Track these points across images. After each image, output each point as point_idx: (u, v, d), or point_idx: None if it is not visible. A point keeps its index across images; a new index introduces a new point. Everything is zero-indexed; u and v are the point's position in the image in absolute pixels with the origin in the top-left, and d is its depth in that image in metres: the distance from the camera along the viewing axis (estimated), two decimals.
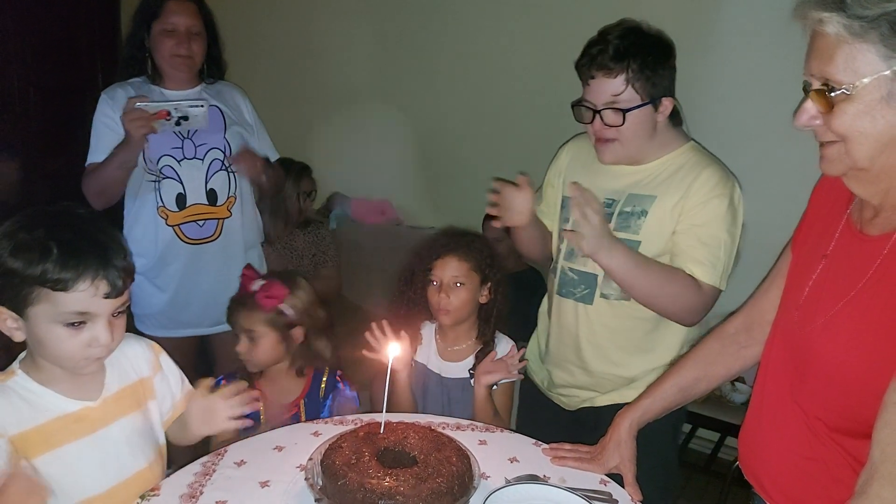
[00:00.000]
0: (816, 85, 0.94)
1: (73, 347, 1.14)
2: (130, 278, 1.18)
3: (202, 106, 2.01)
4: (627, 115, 1.51)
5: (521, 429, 1.53)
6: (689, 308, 1.54)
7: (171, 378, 1.40)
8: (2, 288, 1.11)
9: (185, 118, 2.00)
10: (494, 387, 1.75)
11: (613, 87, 1.51)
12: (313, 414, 1.75)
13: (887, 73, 0.88)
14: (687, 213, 1.53)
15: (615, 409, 1.59)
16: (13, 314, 1.13)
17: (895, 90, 0.88)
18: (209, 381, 1.39)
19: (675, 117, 1.62)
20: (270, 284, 1.72)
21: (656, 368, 1.64)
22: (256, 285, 1.71)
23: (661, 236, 1.55)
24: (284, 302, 1.71)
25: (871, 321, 0.95)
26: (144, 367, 1.35)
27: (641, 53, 1.49)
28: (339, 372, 1.82)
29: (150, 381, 1.35)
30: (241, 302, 1.73)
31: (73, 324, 1.13)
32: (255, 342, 1.70)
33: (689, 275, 1.50)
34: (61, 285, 1.09)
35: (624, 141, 1.55)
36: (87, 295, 1.11)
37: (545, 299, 1.83)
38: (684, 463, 2.85)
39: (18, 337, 1.15)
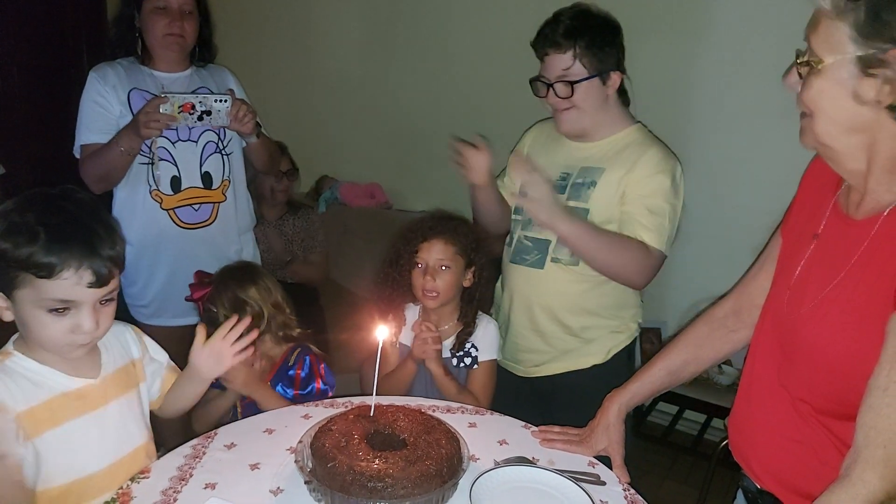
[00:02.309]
0: (803, 53, 0.96)
1: (56, 333, 1.14)
2: (118, 268, 1.18)
3: (226, 101, 1.95)
4: (576, 86, 1.67)
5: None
6: (639, 271, 1.67)
7: (156, 359, 1.41)
8: None
9: (208, 113, 1.94)
10: (475, 366, 1.78)
11: (563, 62, 1.66)
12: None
13: (850, 56, 0.89)
14: (633, 186, 1.67)
15: (568, 376, 1.80)
16: (2, 294, 1.13)
17: (853, 75, 0.90)
18: (204, 329, 1.39)
19: (623, 97, 1.77)
20: (195, 287, 1.78)
21: (602, 328, 1.80)
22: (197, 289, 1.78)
23: (608, 205, 1.70)
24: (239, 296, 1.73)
25: (856, 306, 0.96)
26: (134, 349, 1.37)
27: (589, 32, 1.65)
28: (309, 357, 1.79)
29: (140, 363, 1.37)
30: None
31: (56, 310, 1.12)
32: None
33: (639, 241, 1.64)
34: (44, 272, 1.09)
35: (577, 109, 1.70)
36: (71, 283, 1.11)
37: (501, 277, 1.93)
38: (671, 444, 2.89)
39: (8, 317, 1.16)
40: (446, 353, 1.78)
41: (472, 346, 1.79)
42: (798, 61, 0.96)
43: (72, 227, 1.12)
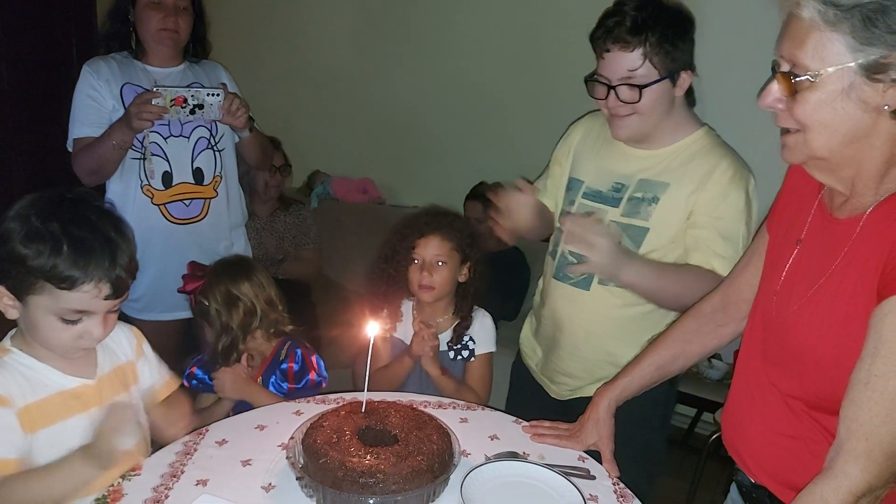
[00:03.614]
0: (784, 67, 0.95)
1: (65, 339, 1.16)
2: (133, 278, 1.20)
3: (218, 95, 1.95)
4: (644, 91, 1.44)
5: (511, 413, 1.51)
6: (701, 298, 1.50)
7: (151, 364, 1.41)
8: (6, 270, 1.12)
9: (201, 106, 1.93)
10: (472, 359, 1.78)
11: (630, 62, 1.43)
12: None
13: (852, 65, 0.88)
14: (704, 206, 1.48)
15: None
16: (10, 295, 1.14)
17: (856, 83, 0.89)
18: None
19: (689, 96, 1.56)
20: (187, 279, 1.77)
21: None
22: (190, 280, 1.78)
23: (672, 225, 1.50)
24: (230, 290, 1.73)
25: (841, 303, 0.97)
26: (129, 350, 1.37)
27: (660, 26, 1.41)
28: (301, 350, 1.79)
29: (134, 365, 1.37)
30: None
31: (69, 319, 1.14)
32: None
33: (708, 269, 1.46)
34: (66, 284, 1.11)
35: (641, 115, 1.48)
36: (90, 296, 1.13)
37: (540, 281, 1.79)
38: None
39: (12, 315, 1.17)
40: (443, 347, 1.79)
41: (470, 338, 1.80)
42: (793, 79, 0.92)
43: (95, 239, 1.13)
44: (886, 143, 0.93)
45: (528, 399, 1.80)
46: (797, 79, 0.92)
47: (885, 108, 0.89)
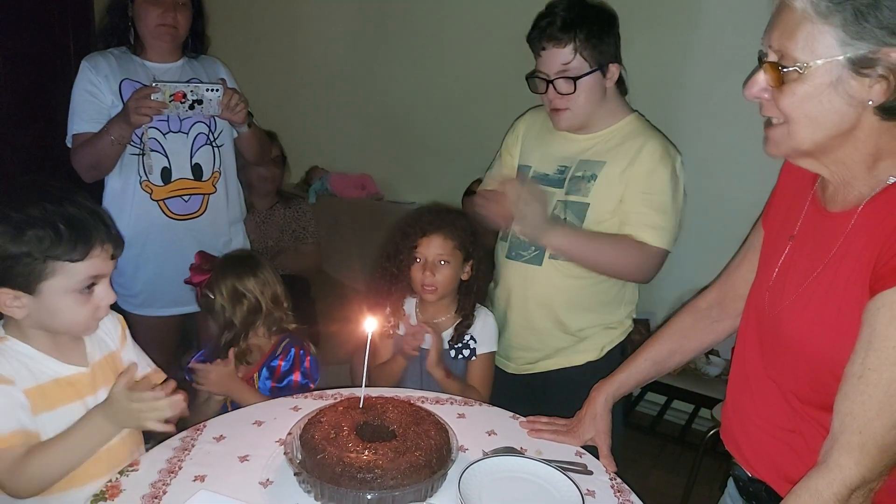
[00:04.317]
0: (772, 57, 0.94)
1: (85, 314, 1.22)
2: (120, 236, 1.26)
3: (217, 90, 1.94)
4: (578, 82, 1.62)
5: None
6: (640, 270, 1.68)
7: (134, 354, 1.42)
8: (8, 270, 1.14)
9: (200, 102, 1.93)
10: (473, 358, 1.78)
11: (563, 57, 1.61)
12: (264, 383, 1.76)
13: (840, 58, 0.88)
14: (634, 181, 1.64)
15: (561, 372, 1.77)
16: (15, 292, 1.15)
17: (844, 77, 0.89)
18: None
19: (621, 86, 1.73)
20: (194, 270, 1.78)
21: (597, 325, 1.78)
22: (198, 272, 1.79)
23: (610, 199, 1.66)
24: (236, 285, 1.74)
25: (834, 297, 0.97)
26: (115, 339, 1.38)
27: (587, 23, 1.60)
28: (294, 349, 1.78)
29: (118, 354, 1.38)
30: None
31: (84, 289, 1.19)
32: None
33: (639, 240, 1.62)
34: (78, 255, 1.16)
35: (577, 107, 1.66)
36: (100, 260, 1.20)
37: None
38: (659, 434, 2.91)
39: (19, 314, 1.18)
40: (444, 345, 1.79)
41: (472, 337, 1.80)
42: (781, 69, 0.92)
43: (77, 209, 1.18)
44: (871, 137, 0.93)
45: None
46: (785, 70, 0.92)
47: (870, 103, 0.89)
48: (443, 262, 1.75)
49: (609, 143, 1.70)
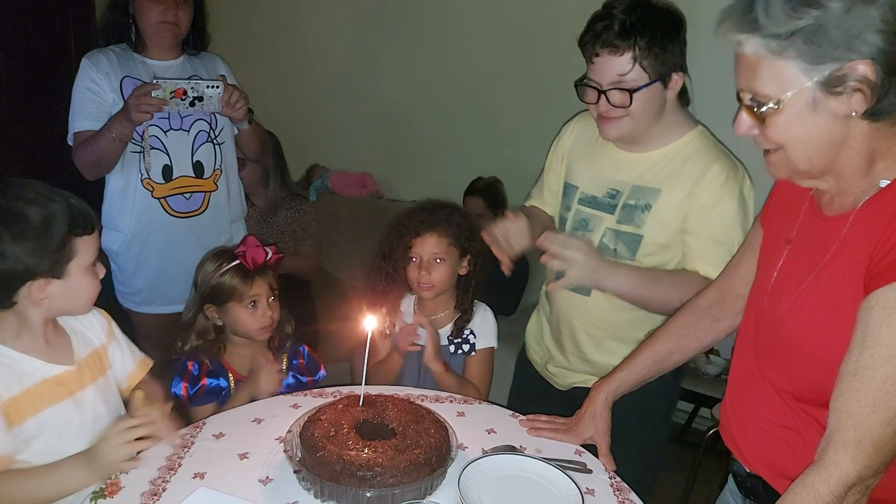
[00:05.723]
0: (746, 100, 0.97)
1: (95, 288, 1.28)
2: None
3: (218, 87, 1.94)
4: (634, 95, 1.41)
5: (513, 406, 1.53)
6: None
7: (123, 348, 1.43)
8: (40, 260, 1.17)
9: (200, 98, 1.92)
10: (472, 353, 1.78)
11: (620, 66, 1.40)
12: None
13: (809, 84, 0.90)
14: (696, 213, 1.46)
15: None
16: (46, 280, 1.19)
17: (819, 98, 0.91)
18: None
19: (683, 96, 1.53)
20: (269, 247, 1.75)
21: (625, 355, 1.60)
22: (266, 251, 1.73)
23: (664, 232, 1.50)
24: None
25: (829, 297, 0.98)
26: (102, 334, 1.39)
27: (650, 28, 1.38)
28: (305, 347, 1.80)
29: (105, 350, 1.38)
30: (244, 271, 1.70)
31: (92, 264, 1.25)
32: (256, 306, 1.69)
33: (703, 276, 1.45)
34: (89, 228, 1.23)
35: (630, 120, 1.45)
36: (97, 233, 1.26)
37: (545, 285, 1.79)
38: None
39: (44, 305, 1.21)
40: (443, 341, 1.79)
41: (471, 332, 1.79)
42: (757, 111, 0.95)
43: (54, 192, 1.21)
44: (864, 143, 0.94)
45: (532, 392, 1.81)
46: (761, 109, 0.95)
47: (853, 114, 0.91)
48: (438, 260, 1.74)
49: (666, 168, 1.50)
